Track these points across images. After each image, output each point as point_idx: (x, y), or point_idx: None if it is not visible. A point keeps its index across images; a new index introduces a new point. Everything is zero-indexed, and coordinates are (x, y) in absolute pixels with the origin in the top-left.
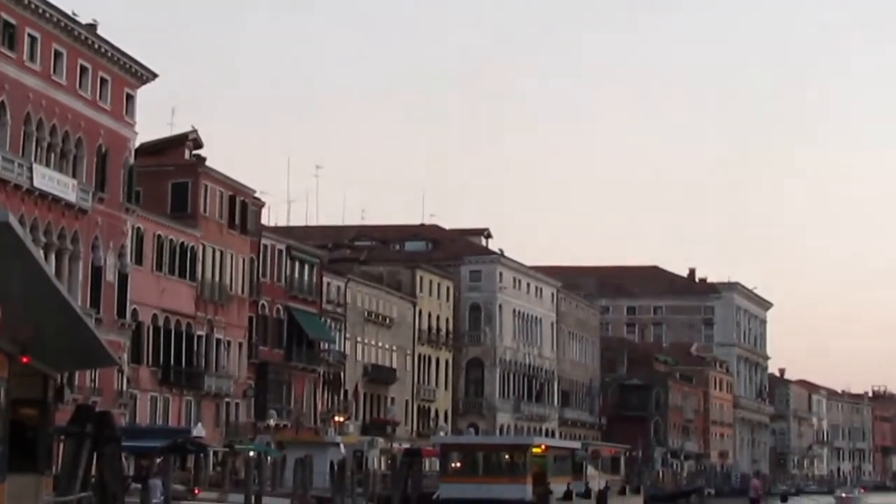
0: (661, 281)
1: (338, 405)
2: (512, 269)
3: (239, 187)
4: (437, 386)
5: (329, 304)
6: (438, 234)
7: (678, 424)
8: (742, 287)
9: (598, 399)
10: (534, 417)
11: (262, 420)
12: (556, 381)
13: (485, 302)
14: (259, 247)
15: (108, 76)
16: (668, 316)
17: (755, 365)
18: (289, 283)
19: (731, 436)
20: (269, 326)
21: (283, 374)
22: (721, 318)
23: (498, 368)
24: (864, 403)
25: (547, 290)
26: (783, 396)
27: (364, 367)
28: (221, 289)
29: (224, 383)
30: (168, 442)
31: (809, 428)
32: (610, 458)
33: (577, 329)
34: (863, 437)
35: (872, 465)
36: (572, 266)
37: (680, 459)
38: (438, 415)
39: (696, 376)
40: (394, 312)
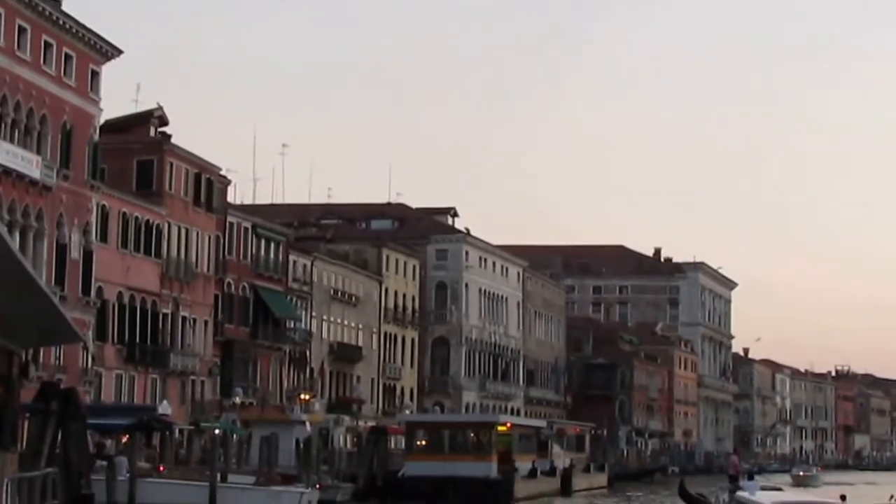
0: (627, 260)
1: (303, 383)
2: (478, 249)
3: (205, 165)
4: (403, 364)
5: (295, 282)
6: (405, 213)
7: (643, 403)
8: (707, 267)
9: (564, 378)
10: (499, 396)
11: (227, 398)
12: (521, 360)
13: (451, 281)
14: (225, 225)
15: (72, 52)
16: (634, 295)
17: (719, 344)
18: (255, 261)
19: (695, 414)
20: (234, 304)
21: (249, 352)
22: (686, 298)
23: (464, 347)
24: (827, 382)
25: (513, 269)
26: (747, 375)
27: (330, 345)
28: (187, 267)
29: (189, 361)
30: (133, 420)
31: (773, 407)
32: (575, 437)
33: (543, 308)
34: (825, 415)
35: (835, 443)
36: (538, 245)
37: (644, 438)
38: (404, 393)
39: (661, 355)
40: (360, 291)
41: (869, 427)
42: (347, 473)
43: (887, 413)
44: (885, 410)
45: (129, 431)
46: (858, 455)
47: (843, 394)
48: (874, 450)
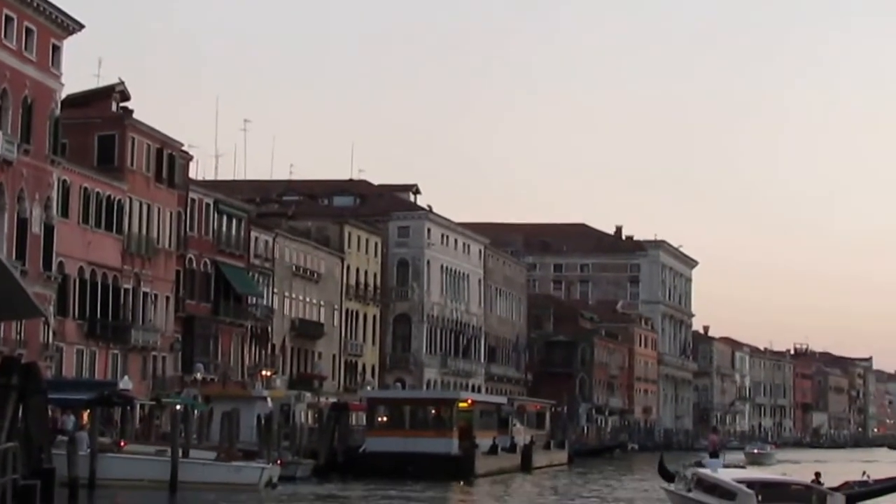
0: (588, 238)
1: (265, 359)
2: (440, 226)
3: (166, 140)
4: (365, 341)
5: (257, 258)
6: (367, 190)
7: (603, 381)
8: (668, 245)
9: (525, 355)
10: (460, 373)
11: (188, 374)
12: (482, 337)
13: (412, 258)
14: (186, 200)
15: (33, 27)
16: (595, 273)
17: (680, 322)
18: (216, 237)
19: (654, 392)
20: (196, 280)
21: (211, 327)
22: (646, 276)
23: (425, 324)
24: (785, 361)
25: (475, 246)
26: (707, 353)
27: (291, 321)
28: (148, 242)
29: (151, 337)
30: (94, 395)
31: (732, 384)
32: (535, 414)
33: (505, 286)
34: (784, 393)
35: (793, 421)
36: (500, 223)
37: (604, 415)
38: (366, 369)
39: (622, 333)
40: (321, 267)
41: (827, 405)
42: (308, 449)
43: (845, 391)
44: (842, 389)
45: (89, 406)
46: (816, 433)
47: (802, 372)
48: (832, 428)
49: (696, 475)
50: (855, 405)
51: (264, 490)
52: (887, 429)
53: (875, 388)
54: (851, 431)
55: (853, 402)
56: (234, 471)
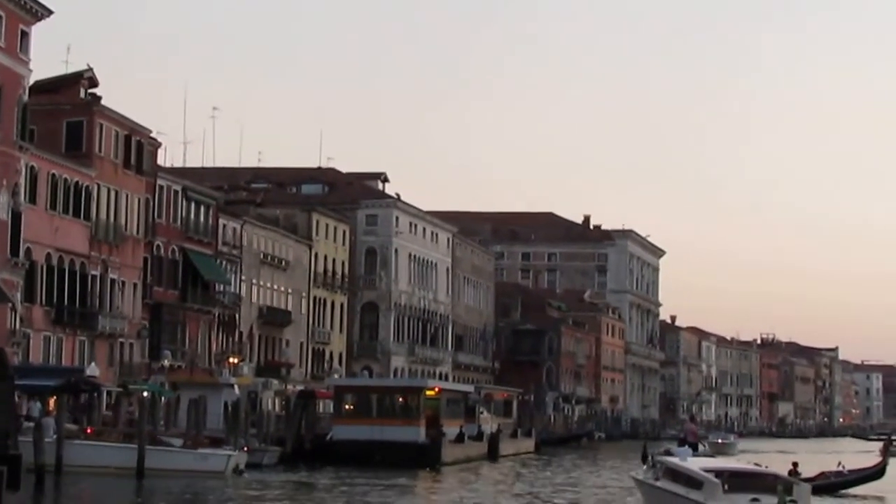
0: (556, 227)
1: (232, 347)
2: (408, 214)
3: (135, 127)
4: (332, 329)
5: (225, 245)
6: (335, 178)
7: (570, 369)
8: (635, 234)
9: (492, 343)
10: (428, 361)
11: (156, 361)
12: (450, 326)
13: (380, 246)
14: (154, 187)
15: (1, 12)
16: (562, 262)
17: (647, 312)
18: (184, 224)
19: (621, 381)
20: (164, 267)
21: (178, 314)
22: (614, 265)
23: (393, 312)
24: (752, 350)
25: (443, 235)
26: (673, 343)
27: (259, 309)
28: (116, 229)
29: (118, 323)
30: (61, 381)
31: (698, 374)
32: (502, 402)
33: (472, 274)
34: (750, 383)
35: (759, 411)
36: (468, 212)
37: (571, 404)
38: (333, 357)
39: (589, 322)
40: (289, 255)
41: (793, 395)
42: (275, 437)
43: (811, 381)
44: (808, 378)
45: (56, 393)
46: (782, 422)
47: (768, 362)
48: (798, 417)
49: (664, 464)
50: (821, 395)
51: (231, 477)
52: (853, 419)
53: (841, 379)
54: (817, 421)
55: (819, 391)
56: (201, 458)
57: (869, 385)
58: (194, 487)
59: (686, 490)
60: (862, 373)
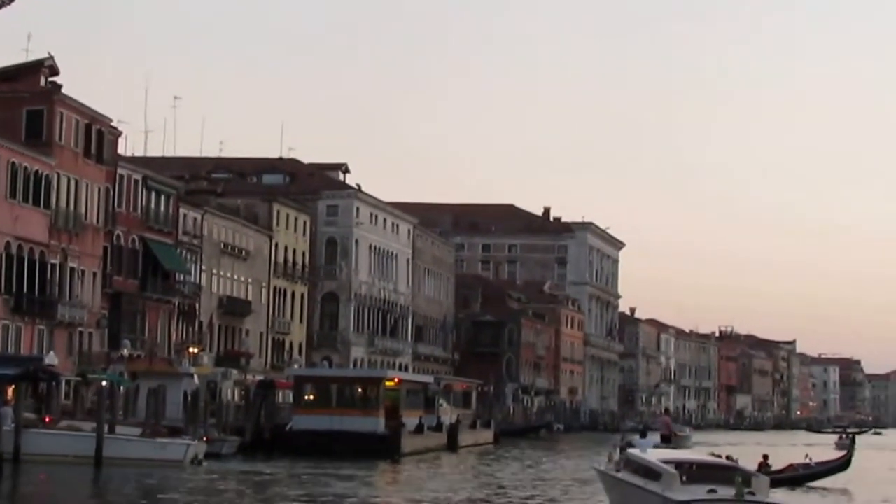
0: (516, 219)
1: (192, 336)
2: (369, 205)
3: (95, 116)
4: (292, 319)
5: (185, 235)
6: (296, 168)
7: (529, 361)
8: (595, 227)
9: (452, 335)
10: (388, 352)
11: (115, 350)
12: (410, 317)
13: (341, 237)
14: (115, 176)
15: None
16: (522, 254)
17: (606, 304)
18: (145, 213)
19: (580, 373)
20: (123, 256)
21: (138, 304)
22: (574, 257)
23: (353, 303)
24: (710, 343)
25: (403, 226)
26: (632, 335)
27: (219, 298)
28: (76, 218)
29: (77, 312)
30: (19, 370)
31: (657, 366)
32: (462, 393)
33: (433, 265)
34: (708, 375)
35: (717, 403)
36: (429, 203)
37: (530, 395)
38: (293, 347)
39: (549, 314)
40: (250, 245)
41: (751, 387)
42: (235, 426)
43: (769, 374)
44: (766, 371)
45: (14, 382)
46: (740, 415)
47: (726, 354)
48: (755, 410)
49: (624, 455)
50: (779, 388)
51: (190, 467)
52: (810, 411)
53: (798, 371)
54: (775, 413)
55: (777, 384)
56: (160, 447)
57: (826, 378)
58: (152, 477)
59: (645, 481)
60: (819, 366)
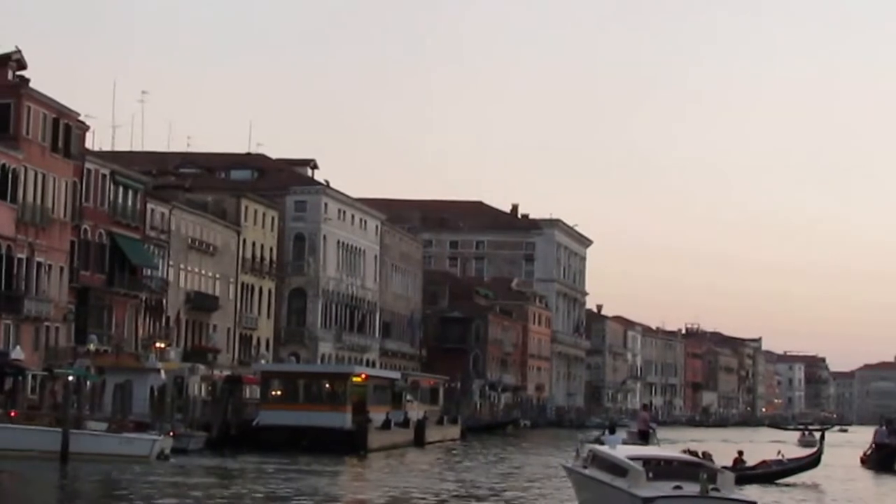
0: (484, 216)
1: (159, 331)
2: (337, 201)
3: (63, 110)
4: (260, 314)
5: (153, 230)
6: (264, 164)
7: (497, 357)
8: (563, 224)
9: (419, 331)
10: (355, 348)
11: (82, 345)
12: (378, 313)
13: (309, 232)
14: (82, 171)
15: None
16: (490, 251)
17: (573, 301)
18: (112, 208)
19: (548, 369)
20: (91, 251)
21: (105, 299)
22: (542, 254)
23: (321, 299)
24: (677, 340)
25: (371, 222)
26: (599, 332)
27: (187, 294)
28: (43, 212)
29: (44, 307)
30: None
31: (624, 363)
32: (429, 389)
33: (401, 262)
34: (675, 372)
35: (683, 400)
36: (397, 199)
37: (497, 391)
38: (260, 343)
39: (516, 311)
40: (218, 240)
41: (716, 384)
42: (202, 422)
43: (734, 371)
44: (732, 368)
45: None
46: (706, 411)
47: (693, 351)
48: (721, 407)
49: (592, 451)
50: (744, 385)
51: (156, 462)
52: (775, 408)
53: (764, 369)
54: (740, 410)
55: (742, 381)
56: (126, 442)
57: (791, 375)
58: (118, 472)
59: (611, 478)
60: (785, 363)
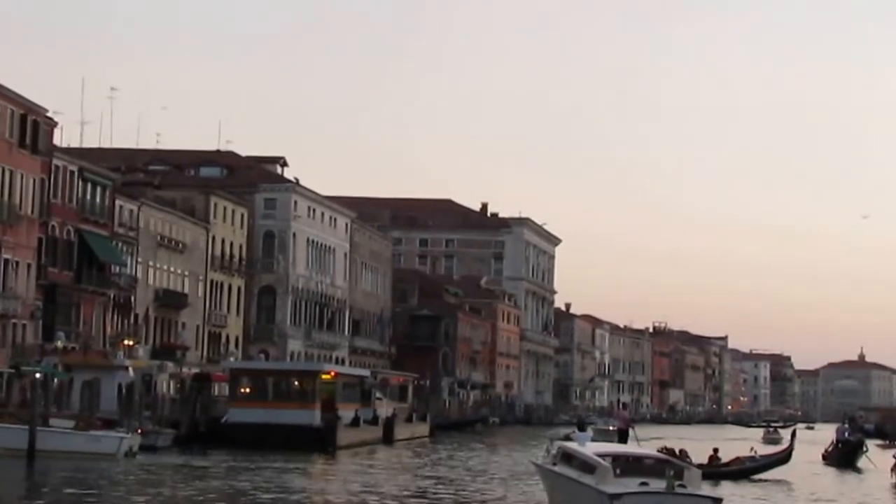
0: (454, 214)
1: (128, 329)
2: (307, 199)
3: (31, 106)
4: (229, 312)
5: (121, 227)
6: (234, 161)
7: (466, 355)
8: (532, 223)
9: (389, 329)
10: (325, 345)
11: (49, 342)
12: (347, 311)
13: (279, 230)
14: (50, 167)
15: None
16: (460, 249)
17: (542, 299)
18: (80, 204)
19: (516, 367)
20: (58, 248)
21: (73, 296)
22: (511, 253)
23: (290, 296)
24: (644, 338)
25: (341, 220)
26: (568, 330)
27: (155, 291)
28: (10, 209)
29: (11, 304)
30: None
31: (592, 361)
32: (398, 387)
33: (370, 259)
34: (642, 370)
35: (650, 397)
36: (367, 197)
37: (466, 389)
38: (229, 341)
39: (485, 309)
40: (187, 238)
41: (683, 382)
42: (170, 419)
43: (701, 369)
44: (699, 367)
45: None
46: (673, 409)
47: (660, 350)
48: (688, 404)
49: (561, 448)
50: (710, 383)
51: (123, 459)
52: (741, 406)
53: (730, 367)
54: (706, 408)
55: (709, 379)
56: (93, 440)
57: (757, 373)
58: (86, 469)
59: (579, 474)
60: (750, 361)
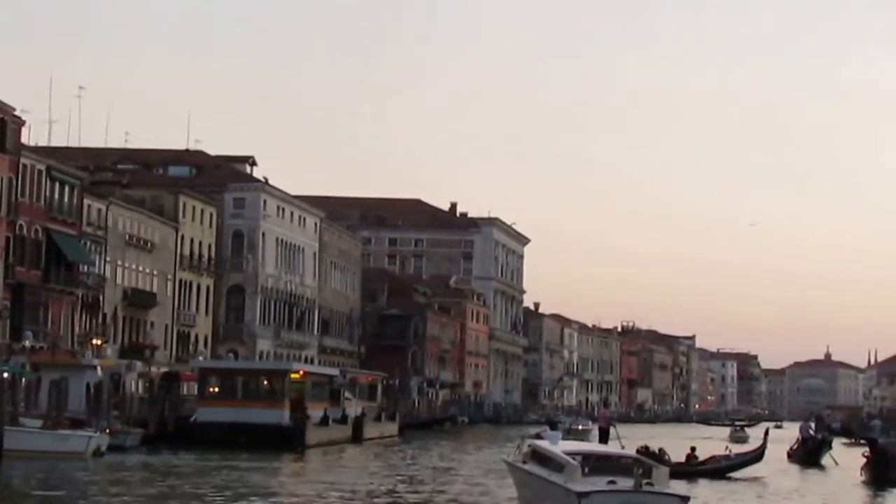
0: (423, 214)
1: (96, 328)
2: (276, 198)
3: None
4: (198, 311)
5: (89, 226)
6: (203, 160)
7: (435, 354)
8: (501, 222)
9: (358, 328)
10: (294, 345)
11: (17, 341)
12: (316, 310)
13: (248, 229)
14: (18, 166)
15: None
16: (429, 248)
17: (511, 298)
18: (48, 204)
19: (485, 366)
20: (26, 247)
21: (41, 295)
22: (480, 252)
23: (259, 296)
24: (612, 338)
25: (310, 219)
26: (537, 329)
27: (124, 290)
28: None
29: None
30: None
31: (560, 360)
32: (367, 386)
33: (340, 259)
34: (611, 369)
35: (619, 396)
36: (336, 197)
37: (435, 388)
38: (199, 340)
39: (454, 308)
40: (155, 237)
41: (651, 381)
42: (138, 419)
43: (669, 368)
44: (667, 366)
45: None
46: (641, 408)
47: (628, 349)
48: (656, 403)
49: (531, 447)
50: (678, 382)
51: (91, 459)
52: (708, 405)
53: (697, 366)
54: (674, 407)
55: (677, 378)
56: (61, 439)
57: (724, 372)
58: (53, 469)
59: (548, 473)
60: (718, 360)
